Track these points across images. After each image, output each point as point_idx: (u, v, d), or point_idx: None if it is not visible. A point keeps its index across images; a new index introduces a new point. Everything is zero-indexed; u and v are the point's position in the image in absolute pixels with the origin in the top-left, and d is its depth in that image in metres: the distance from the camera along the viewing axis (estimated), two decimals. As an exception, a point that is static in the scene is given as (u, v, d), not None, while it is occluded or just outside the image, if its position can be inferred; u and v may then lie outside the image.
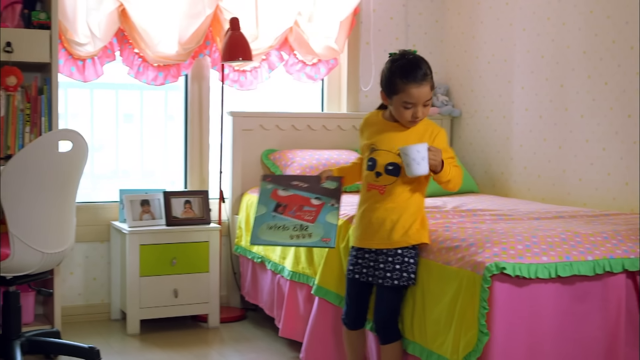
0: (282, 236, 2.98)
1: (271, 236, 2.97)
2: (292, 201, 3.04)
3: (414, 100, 2.94)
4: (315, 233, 2.97)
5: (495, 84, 4.95)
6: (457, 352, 2.71)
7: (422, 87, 2.93)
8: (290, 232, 2.97)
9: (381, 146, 3.04)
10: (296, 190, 3.05)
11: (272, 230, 2.98)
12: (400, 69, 2.96)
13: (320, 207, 3.02)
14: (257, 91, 5.00)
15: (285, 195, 3.06)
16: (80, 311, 4.65)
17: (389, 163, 3.01)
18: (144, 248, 4.36)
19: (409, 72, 2.94)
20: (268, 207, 3.03)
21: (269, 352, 4.08)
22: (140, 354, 4.05)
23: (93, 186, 4.86)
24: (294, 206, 3.03)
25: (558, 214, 3.61)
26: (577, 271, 2.75)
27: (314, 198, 3.03)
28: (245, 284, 4.68)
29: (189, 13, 4.64)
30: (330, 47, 5.02)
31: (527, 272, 2.67)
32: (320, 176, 3.09)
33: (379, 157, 3.04)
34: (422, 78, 2.94)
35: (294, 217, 3.00)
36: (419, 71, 2.94)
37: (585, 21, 4.28)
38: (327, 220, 2.99)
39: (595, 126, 4.23)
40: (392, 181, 3.01)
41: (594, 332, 2.80)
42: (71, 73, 4.46)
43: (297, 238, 2.98)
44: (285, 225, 2.98)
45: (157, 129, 5.03)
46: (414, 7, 5.36)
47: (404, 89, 2.93)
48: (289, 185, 3.06)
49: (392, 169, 3.00)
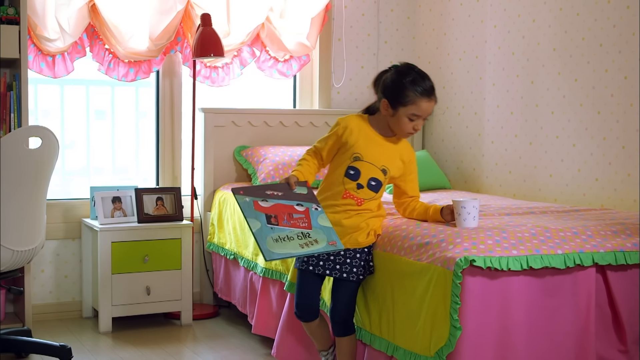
0: (292, 247, 2.93)
1: (283, 249, 2.92)
2: (278, 211, 3.01)
3: (422, 113, 3.03)
4: (319, 239, 2.96)
5: (467, 81, 4.98)
6: (429, 347, 2.73)
7: (431, 102, 3.04)
8: (298, 242, 2.94)
9: (366, 158, 3.08)
10: (274, 199, 3.03)
11: (280, 243, 2.93)
12: (413, 82, 3.02)
13: (307, 213, 3.01)
14: (229, 87, 4.98)
15: (268, 206, 3.03)
16: (51, 309, 4.62)
17: (372, 178, 3.07)
18: (116, 245, 4.34)
19: (423, 86, 3.02)
20: (260, 220, 2.97)
21: (242, 349, 4.07)
22: (113, 351, 4.03)
23: (64, 183, 4.82)
24: (284, 215, 3.00)
25: (529, 209, 3.64)
26: (548, 263, 2.77)
27: (296, 205, 3.02)
28: (218, 281, 4.68)
29: (160, 9, 4.62)
30: (302, 43, 5.02)
31: (498, 263, 2.69)
32: (290, 183, 3.07)
33: (363, 168, 3.07)
34: (432, 93, 3.04)
35: (291, 227, 2.97)
36: (431, 86, 3.05)
37: (555, 18, 4.32)
38: (321, 224, 2.99)
39: (566, 122, 4.27)
40: (371, 196, 3.08)
41: (565, 326, 2.83)
42: (41, 69, 4.42)
43: (307, 246, 2.94)
44: (288, 236, 2.94)
45: (128, 125, 5.00)
46: (386, 3, 5.38)
47: (415, 102, 3.00)
48: (265, 195, 3.03)
49: (374, 184, 3.07)
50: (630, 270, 2.97)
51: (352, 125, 3.13)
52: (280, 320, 3.65)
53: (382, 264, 3.06)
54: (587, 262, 2.85)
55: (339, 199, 3.10)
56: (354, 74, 5.33)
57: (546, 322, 2.81)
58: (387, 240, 3.08)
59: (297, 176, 3.08)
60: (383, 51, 5.39)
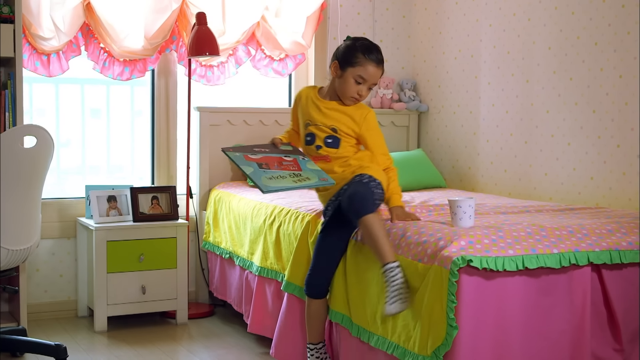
0: (287, 182, 3.09)
1: (277, 183, 3.07)
2: (268, 160, 3.17)
3: (367, 77, 3.22)
4: (311, 176, 3.13)
5: (462, 80, 4.98)
6: (426, 347, 2.73)
7: (378, 69, 3.24)
8: (291, 179, 3.10)
9: (316, 122, 3.32)
10: (263, 154, 3.20)
11: (274, 180, 3.08)
12: (365, 46, 3.24)
13: (295, 161, 3.20)
14: (224, 86, 4.98)
15: (258, 158, 3.18)
16: (46, 308, 4.61)
17: (327, 136, 3.29)
18: (111, 244, 4.33)
19: (372, 51, 3.24)
20: (252, 166, 3.12)
21: (237, 348, 4.07)
22: (108, 350, 4.03)
23: (59, 182, 4.81)
24: (274, 162, 3.16)
25: (524, 208, 3.64)
26: (544, 263, 2.78)
27: (284, 156, 3.20)
28: (213, 280, 4.67)
29: (155, 7, 4.61)
30: (298, 42, 5.02)
31: (494, 264, 2.69)
32: (275, 142, 3.35)
33: (315, 131, 3.32)
34: (381, 61, 3.25)
35: (282, 169, 3.13)
36: (380, 54, 3.26)
37: (550, 17, 4.33)
38: (310, 168, 3.17)
39: (561, 121, 4.27)
40: (333, 152, 3.27)
41: (561, 325, 2.84)
42: (36, 68, 4.41)
43: (300, 182, 3.10)
44: (281, 175, 3.11)
45: (123, 124, 5.00)
46: (381, 2, 5.38)
47: (362, 64, 3.21)
48: (253, 151, 3.21)
49: (331, 141, 3.29)
50: (626, 269, 2.98)
51: (300, 96, 3.43)
52: (279, 320, 3.65)
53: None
54: (582, 261, 2.85)
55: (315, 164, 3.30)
56: (349, 73, 5.32)
57: (542, 320, 2.81)
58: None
59: (281, 138, 3.39)
60: (378, 50, 5.39)
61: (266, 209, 4.02)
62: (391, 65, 5.42)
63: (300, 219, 3.65)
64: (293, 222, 3.70)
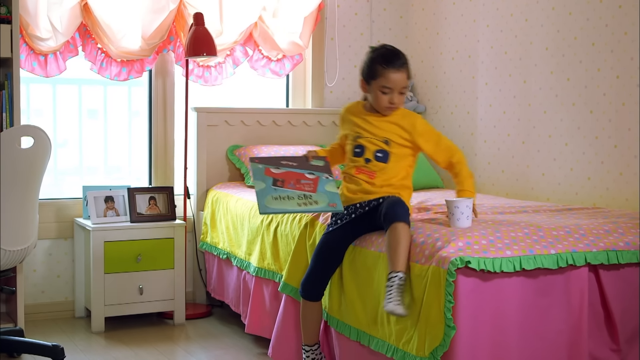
0: (289, 205, 3.10)
1: (279, 205, 3.09)
2: (287, 177, 3.16)
3: (391, 85, 3.17)
4: (320, 200, 3.11)
5: (460, 80, 4.98)
6: (424, 348, 2.73)
7: (399, 73, 3.18)
8: (297, 201, 3.10)
9: (365, 134, 3.24)
10: (287, 168, 3.18)
11: (278, 201, 3.10)
12: (381, 55, 3.22)
13: (316, 180, 3.16)
14: (221, 87, 4.98)
15: (279, 173, 3.18)
16: (43, 309, 4.61)
17: (377, 150, 3.21)
18: (109, 245, 4.33)
19: (388, 58, 3.20)
20: (266, 182, 3.13)
21: (235, 349, 4.07)
22: (105, 351, 4.02)
23: (56, 182, 4.81)
24: (292, 180, 3.15)
25: (522, 208, 3.64)
26: (541, 264, 2.78)
27: (307, 173, 3.17)
28: (211, 281, 4.67)
29: (153, 8, 4.61)
30: (295, 42, 5.02)
31: (491, 265, 2.69)
32: (307, 156, 3.27)
33: (366, 143, 3.23)
34: (400, 65, 3.19)
35: (295, 189, 3.12)
36: (398, 58, 3.20)
37: (548, 18, 4.33)
38: (328, 190, 3.14)
39: (558, 122, 4.28)
40: (381, 168, 3.20)
41: (558, 325, 2.84)
42: (33, 68, 4.40)
43: (304, 205, 3.10)
44: (289, 196, 3.11)
45: (121, 124, 4.99)
46: (379, 3, 5.38)
47: (383, 74, 3.17)
48: (279, 164, 3.18)
49: (381, 156, 3.22)
50: (623, 269, 2.98)
51: (346, 112, 3.38)
52: (276, 321, 3.65)
53: (378, 264, 3.05)
54: (579, 261, 2.86)
55: (354, 173, 3.25)
56: (346, 73, 5.33)
57: (539, 321, 2.82)
58: (382, 241, 3.07)
59: (317, 151, 3.31)
60: (376, 50, 5.39)
61: (264, 209, 4.01)
62: (389, 65, 5.42)
63: (298, 220, 3.65)
64: (290, 223, 3.70)
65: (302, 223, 3.60)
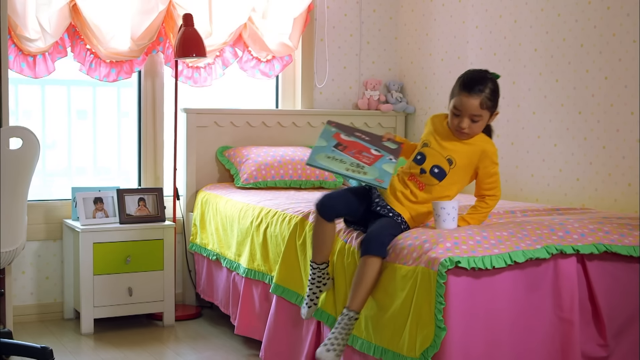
0: (338, 166, 3.05)
1: (328, 163, 3.05)
2: (352, 145, 3.12)
3: (461, 108, 3.08)
4: (370, 173, 3.04)
5: (449, 81, 4.99)
6: (414, 349, 2.73)
7: (471, 98, 3.07)
8: (347, 166, 3.05)
9: (433, 145, 3.17)
10: (358, 139, 3.14)
11: (330, 160, 3.06)
12: (463, 77, 3.14)
13: (378, 157, 3.11)
14: (211, 88, 4.98)
15: (347, 139, 3.15)
16: (32, 311, 4.59)
17: (435, 165, 3.13)
18: (98, 246, 4.32)
19: (466, 82, 3.11)
20: (328, 142, 3.11)
21: (224, 350, 4.07)
22: (95, 353, 4.01)
23: (45, 184, 4.79)
24: (354, 149, 3.11)
25: (510, 209, 3.65)
26: (531, 255, 2.79)
27: (374, 149, 3.13)
28: (200, 282, 4.67)
29: (142, 9, 4.60)
30: (285, 43, 5.02)
31: (482, 263, 2.70)
32: (384, 135, 3.21)
33: (428, 155, 3.16)
34: (474, 91, 3.08)
35: (353, 157, 3.08)
36: (475, 84, 3.09)
37: (537, 19, 4.34)
38: (384, 168, 3.07)
39: (547, 123, 4.29)
40: (433, 183, 3.12)
41: (550, 318, 2.85)
42: (21, 69, 4.39)
43: (352, 171, 3.04)
44: (342, 160, 3.07)
45: (110, 125, 4.98)
46: (368, 4, 5.39)
47: (456, 95, 3.12)
48: (352, 133, 3.16)
49: (437, 172, 3.13)
50: (611, 264, 3.00)
51: (431, 120, 3.28)
52: (267, 323, 3.65)
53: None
54: (568, 250, 2.87)
55: (405, 180, 3.17)
56: (336, 74, 5.33)
57: (530, 316, 2.82)
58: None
59: (396, 136, 3.24)
60: (365, 51, 5.40)
61: (253, 210, 4.02)
62: (378, 66, 5.43)
63: (287, 220, 3.65)
64: (280, 224, 3.69)
65: (291, 224, 3.60)
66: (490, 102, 3.09)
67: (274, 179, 4.67)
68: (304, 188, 4.76)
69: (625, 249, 3.00)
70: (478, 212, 3.15)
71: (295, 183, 4.72)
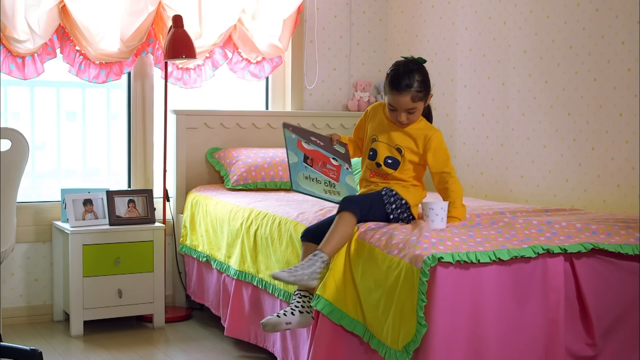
0: (317, 189, 3.27)
1: (309, 186, 3.27)
2: (316, 156, 3.26)
3: (395, 105, 3.25)
4: (342, 192, 3.24)
5: (439, 83, 5.00)
6: (397, 341, 2.74)
7: (401, 96, 3.21)
8: (323, 187, 3.26)
9: (381, 138, 3.34)
10: (316, 146, 3.26)
11: (308, 181, 3.26)
12: (391, 74, 3.26)
13: (339, 168, 3.26)
14: (201, 89, 4.97)
15: (309, 149, 3.27)
16: (21, 313, 4.58)
17: (387, 157, 3.31)
18: (87, 248, 4.31)
19: (393, 80, 3.24)
20: (298, 156, 3.26)
21: (214, 352, 4.06)
22: (84, 355, 4.00)
23: (34, 185, 4.78)
24: (319, 162, 3.26)
25: (500, 210, 3.66)
26: (517, 254, 2.80)
27: (332, 158, 3.26)
28: (190, 284, 4.66)
29: (131, 10, 4.59)
30: (275, 45, 5.02)
31: (466, 257, 2.71)
32: (332, 138, 3.28)
33: (379, 148, 3.33)
34: (402, 88, 3.21)
35: (322, 173, 3.25)
36: (402, 82, 3.21)
37: (526, 21, 4.36)
38: (347, 183, 3.24)
39: (536, 124, 4.30)
40: (391, 172, 3.31)
41: (535, 316, 2.85)
42: (10, 70, 4.38)
43: (329, 194, 3.27)
44: (317, 179, 3.26)
45: (99, 127, 4.97)
46: (358, 5, 5.39)
47: (388, 92, 3.27)
48: (309, 139, 3.26)
49: (391, 162, 3.31)
50: (599, 263, 3.01)
51: (372, 111, 3.45)
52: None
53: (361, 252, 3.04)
54: (555, 249, 2.88)
55: (370, 178, 3.37)
56: (326, 76, 5.33)
57: (516, 314, 2.83)
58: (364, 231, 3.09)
59: (341, 136, 3.33)
60: (355, 53, 5.41)
61: (243, 212, 4.01)
62: (368, 68, 5.44)
63: (278, 222, 3.65)
64: (270, 225, 3.69)
65: (281, 225, 3.60)
66: (421, 93, 3.26)
67: (264, 181, 4.67)
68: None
69: (612, 247, 3.01)
70: (451, 197, 3.24)
71: (285, 184, 4.72)
